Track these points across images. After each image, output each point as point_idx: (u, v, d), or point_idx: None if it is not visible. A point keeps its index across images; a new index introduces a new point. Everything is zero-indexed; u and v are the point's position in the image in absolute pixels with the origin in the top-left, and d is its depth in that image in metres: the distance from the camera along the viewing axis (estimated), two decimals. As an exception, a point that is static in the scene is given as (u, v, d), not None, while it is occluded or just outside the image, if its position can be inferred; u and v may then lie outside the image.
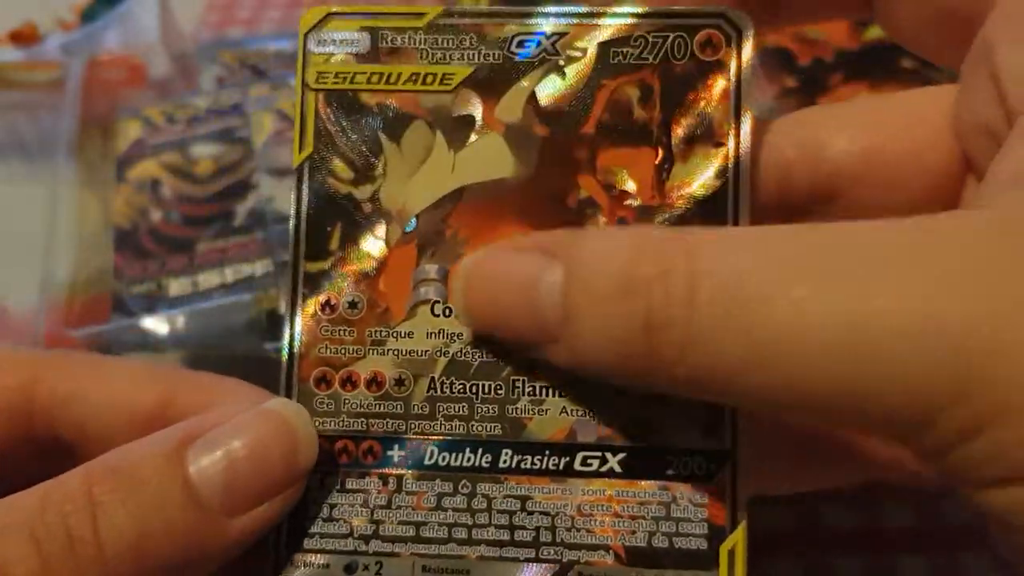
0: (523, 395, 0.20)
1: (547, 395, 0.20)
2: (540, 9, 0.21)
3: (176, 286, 0.38)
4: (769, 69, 0.40)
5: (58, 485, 0.18)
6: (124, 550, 0.17)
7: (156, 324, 0.36)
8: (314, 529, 0.20)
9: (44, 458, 0.21)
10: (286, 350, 0.21)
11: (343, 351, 0.21)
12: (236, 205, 0.40)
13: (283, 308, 0.21)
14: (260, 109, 0.43)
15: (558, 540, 0.20)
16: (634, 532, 0.20)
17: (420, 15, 0.22)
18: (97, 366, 0.22)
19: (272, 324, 0.36)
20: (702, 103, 0.21)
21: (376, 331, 0.21)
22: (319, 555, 0.20)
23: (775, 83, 0.39)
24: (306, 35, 0.22)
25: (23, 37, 0.47)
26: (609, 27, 0.21)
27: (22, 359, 0.21)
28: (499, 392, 0.20)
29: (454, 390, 0.20)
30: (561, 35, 0.21)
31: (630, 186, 0.21)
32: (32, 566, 0.17)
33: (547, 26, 0.21)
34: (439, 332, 0.21)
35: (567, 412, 0.20)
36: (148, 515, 0.17)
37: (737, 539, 0.19)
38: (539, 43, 0.21)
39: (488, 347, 0.21)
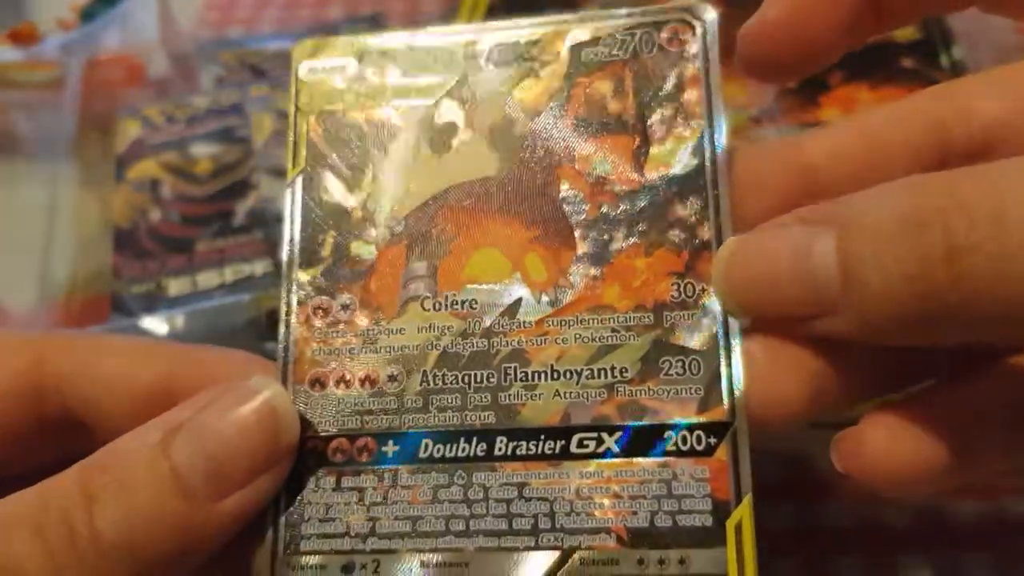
0: (515, 381, 0.20)
1: (540, 380, 0.20)
2: (516, 21, 0.23)
3: (175, 286, 0.38)
4: (769, 69, 0.40)
5: (55, 482, 0.18)
6: (121, 542, 0.18)
7: (155, 324, 0.36)
8: (310, 530, 0.20)
9: (60, 438, 0.22)
10: (281, 356, 0.21)
11: (337, 352, 0.21)
12: (236, 205, 0.40)
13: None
14: (260, 109, 0.43)
15: (557, 526, 0.19)
16: (635, 512, 0.19)
17: (402, 37, 0.24)
18: (99, 344, 0.22)
19: (272, 324, 0.36)
20: (673, 89, 0.22)
21: (368, 330, 0.21)
22: (316, 556, 0.20)
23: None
24: (298, 64, 0.24)
25: (23, 37, 0.47)
26: (580, 31, 0.23)
27: (26, 341, 0.22)
28: (491, 380, 0.20)
29: (446, 381, 0.21)
30: (535, 42, 0.23)
31: (610, 173, 0.22)
32: (40, 561, 0.17)
33: (522, 36, 0.23)
34: (430, 326, 0.21)
35: (560, 395, 0.20)
36: (140, 509, 0.18)
37: (744, 513, 0.19)
38: (515, 51, 0.23)
39: (479, 337, 0.21)
